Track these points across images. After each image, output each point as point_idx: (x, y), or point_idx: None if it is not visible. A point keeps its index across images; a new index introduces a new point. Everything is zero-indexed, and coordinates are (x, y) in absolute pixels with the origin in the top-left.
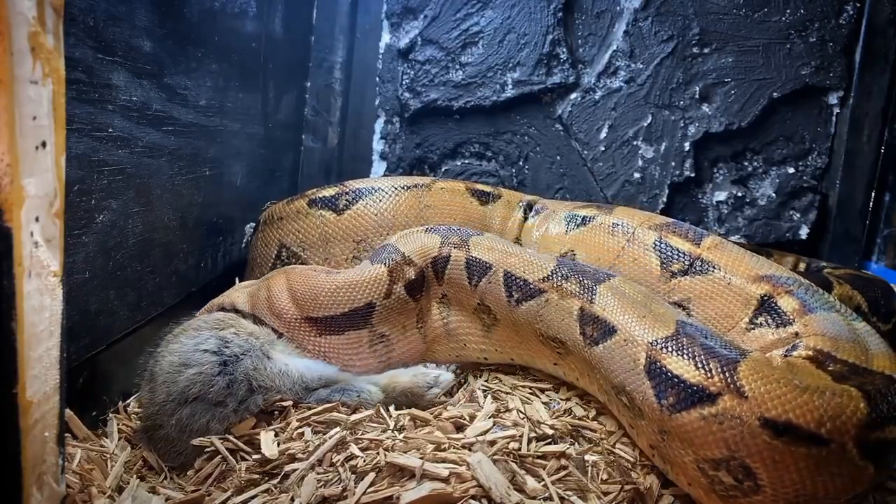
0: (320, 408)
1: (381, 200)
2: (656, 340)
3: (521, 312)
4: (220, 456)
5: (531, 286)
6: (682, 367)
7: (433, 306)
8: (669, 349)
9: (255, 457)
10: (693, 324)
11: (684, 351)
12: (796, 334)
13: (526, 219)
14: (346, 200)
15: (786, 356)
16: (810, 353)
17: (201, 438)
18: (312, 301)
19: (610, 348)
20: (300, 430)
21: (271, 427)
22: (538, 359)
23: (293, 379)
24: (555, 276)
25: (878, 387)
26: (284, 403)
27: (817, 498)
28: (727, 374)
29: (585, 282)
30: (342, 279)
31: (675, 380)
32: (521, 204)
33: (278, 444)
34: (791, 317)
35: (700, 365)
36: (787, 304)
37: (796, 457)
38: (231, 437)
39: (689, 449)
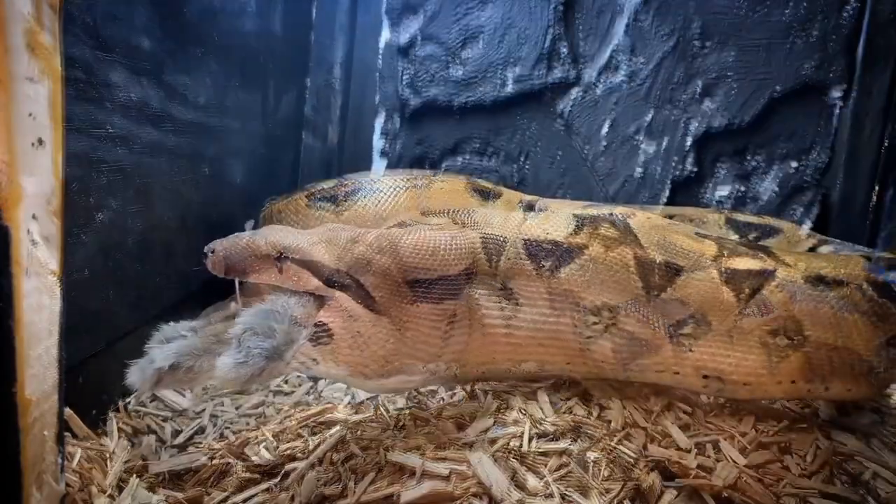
0: (319, 408)
1: (381, 196)
2: (716, 256)
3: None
4: (219, 454)
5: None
6: (747, 263)
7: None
8: (727, 254)
9: (254, 458)
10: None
11: (739, 249)
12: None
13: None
14: (346, 195)
15: None
16: None
17: (196, 446)
18: (429, 258)
19: (681, 286)
20: (299, 430)
21: (269, 427)
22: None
23: None
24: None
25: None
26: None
27: (852, 338)
28: (771, 254)
29: (619, 224)
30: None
31: (747, 273)
32: (520, 204)
33: (277, 445)
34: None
35: (754, 255)
36: (826, 250)
37: (829, 300)
38: (229, 439)
39: (757, 328)
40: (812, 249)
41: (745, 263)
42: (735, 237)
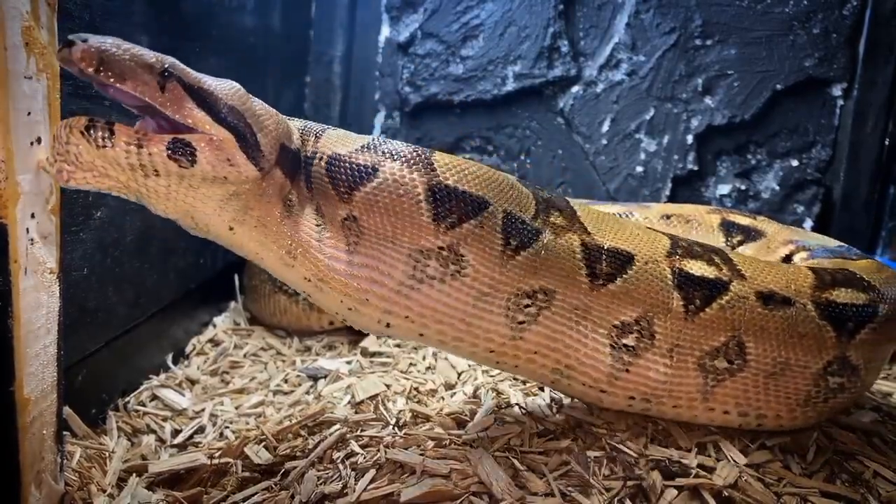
0: (318, 407)
1: None
2: (670, 250)
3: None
4: (219, 454)
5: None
6: (700, 267)
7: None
8: (681, 254)
9: (253, 457)
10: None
11: (693, 252)
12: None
13: None
14: None
15: None
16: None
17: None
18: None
19: (631, 279)
20: (299, 430)
21: (268, 426)
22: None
23: None
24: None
25: (825, 267)
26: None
27: (790, 364)
28: (728, 263)
29: (566, 208)
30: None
31: (699, 281)
32: None
33: (276, 444)
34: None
35: (710, 260)
36: (799, 257)
37: (776, 321)
38: (229, 438)
39: (697, 348)
40: (788, 258)
41: (699, 268)
42: (723, 241)
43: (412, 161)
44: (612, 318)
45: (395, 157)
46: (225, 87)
